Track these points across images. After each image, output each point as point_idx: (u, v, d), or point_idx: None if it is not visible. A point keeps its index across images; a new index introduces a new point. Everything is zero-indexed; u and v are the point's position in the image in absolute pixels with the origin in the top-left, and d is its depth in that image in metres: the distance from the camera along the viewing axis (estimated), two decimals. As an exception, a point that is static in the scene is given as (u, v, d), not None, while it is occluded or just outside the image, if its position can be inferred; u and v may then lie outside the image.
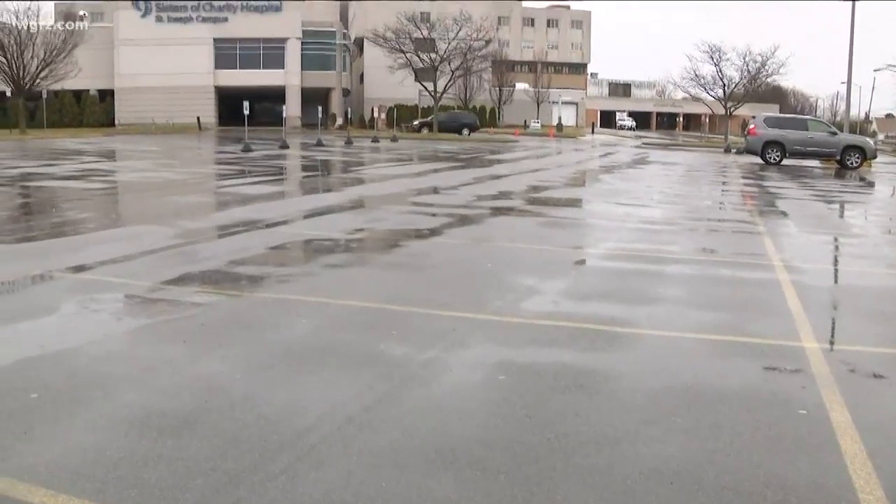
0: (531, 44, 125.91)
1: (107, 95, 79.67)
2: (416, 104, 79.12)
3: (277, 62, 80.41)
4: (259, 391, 5.57)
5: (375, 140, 53.12)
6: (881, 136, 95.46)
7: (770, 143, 38.93)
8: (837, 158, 38.44)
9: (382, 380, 5.82)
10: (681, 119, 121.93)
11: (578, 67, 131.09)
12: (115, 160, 34.26)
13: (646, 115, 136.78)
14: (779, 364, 6.50)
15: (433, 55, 71.86)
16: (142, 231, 13.17)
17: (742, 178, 29.87)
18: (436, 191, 21.06)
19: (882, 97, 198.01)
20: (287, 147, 40.78)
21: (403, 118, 73.16)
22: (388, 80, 78.42)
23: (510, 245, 12.44)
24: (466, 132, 65.84)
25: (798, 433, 5.10)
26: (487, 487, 4.23)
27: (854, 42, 48.24)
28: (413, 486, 4.23)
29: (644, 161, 40.21)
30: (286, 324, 7.35)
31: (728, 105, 69.26)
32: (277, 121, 54.38)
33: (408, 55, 71.99)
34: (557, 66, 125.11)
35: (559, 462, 4.57)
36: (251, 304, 8.12)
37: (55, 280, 9.27)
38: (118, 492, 4.10)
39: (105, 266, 10.02)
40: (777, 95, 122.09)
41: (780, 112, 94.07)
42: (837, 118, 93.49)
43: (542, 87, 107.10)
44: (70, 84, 68.72)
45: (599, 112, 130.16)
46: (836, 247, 14.35)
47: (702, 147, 62.64)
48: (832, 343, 7.42)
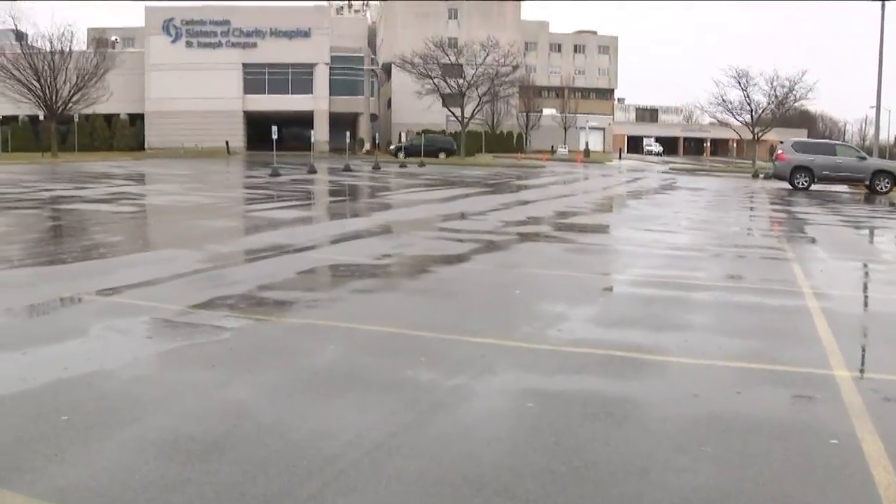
0: (558, 69, 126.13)
1: (137, 119, 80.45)
2: (444, 129, 79.31)
3: (306, 87, 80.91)
4: (288, 416, 5.58)
5: (403, 165, 53.30)
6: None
7: (798, 169, 38.78)
8: (867, 183, 38.26)
9: (410, 406, 5.82)
10: (708, 144, 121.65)
11: (605, 93, 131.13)
12: (145, 184, 34.52)
13: (673, 141, 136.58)
14: (809, 392, 6.45)
15: (460, 81, 72.09)
16: (171, 255, 13.25)
17: (770, 204, 29.74)
18: (463, 216, 21.07)
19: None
20: (315, 172, 40.96)
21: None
22: (416, 106, 78.70)
23: (538, 271, 12.43)
24: (443, 156, 66.01)
25: (829, 463, 5.06)
26: (516, 515, 4.22)
27: (883, 66, 48.04)
28: (441, 514, 4.23)
29: (671, 186, 40.12)
30: (315, 349, 7.37)
31: (756, 130, 69.09)
32: (305, 145, 54.67)
33: (435, 81, 72.22)
34: (584, 92, 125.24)
35: (588, 490, 4.56)
36: (280, 329, 8.15)
37: (85, 303, 9.34)
38: (148, 516, 4.12)
39: (134, 289, 10.08)
40: (805, 120, 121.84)
41: (809, 137, 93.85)
42: (866, 143, 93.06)
43: (570, 113, 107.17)
44: (101, 108, 69.64)
45: (626, 137, 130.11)
46: (866, 273, 14.23)
47: (729, 172, 62.46)
48: (863, 371, 7.35)
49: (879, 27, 48.13)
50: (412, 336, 7.91)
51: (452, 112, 72.86)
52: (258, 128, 73.76)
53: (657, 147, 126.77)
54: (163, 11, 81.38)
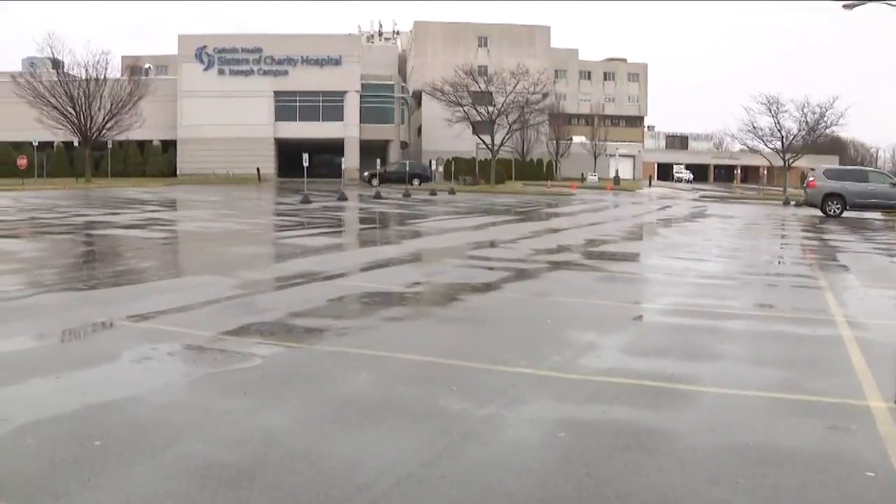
0: (588, 97, 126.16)
1: (169, 146, 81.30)
2: (474, 157, 79.46)
3: (336, 115, 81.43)
4: (319, 444, 5.59)
5: (433, 193, 53.35)
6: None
7: (830, 196, 38.58)
8: (900, 210, 37.99)
9: (442, 435, 5.82)
10: (738, 171, 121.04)
11: (635, 120, 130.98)
12: (177, 210, 34.77)
13: (703, 168, 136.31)
14: (843, 423, 6.40)
15: (491, 108, 72.21)
16: (202, 281, 13.35)
17: (802, 231, 29.56)
18: (493, 244, 21.06)
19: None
20: (345, 199, 41.13)
21: (461, 171, 73.39)
22: (446, 133, 78.91)
23: (569, 300, 12.39)
24: (417, 182, 65.76)
25: (866, 496, 5.01)
26: (548, 546, 4.20)
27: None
28: (473, 544, 4.22)
29: (702, 214, 39.96)
30: (346, 377, 7.38)
31: (786, 157, 68.68)
32: (336, 172, 54.94)
33: (465, 108, 72.38)
34: (614, 119, 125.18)
35: (620, 521, 4.54)
36: (311, 357, 8.18)
37: (117, 328, 9.41)
38: (181, 545, 4.13)
39: (166, 315, 10.16)
40: (836, 147, 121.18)
41: (840, 163, 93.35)
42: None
43: (599, 140, 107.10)
44: (134, 134, 70.51)
45: (656, 165, 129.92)
46: (901, 302, 14.10)
47: (760, 199, 62.01)
48: (898, 402, 7.29)
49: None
50: (443, 365, 7.91)
51: (483, 140, 72.98)
52: (289, 155, 74.29)
53: (687, 174, 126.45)
54: (196, 39, 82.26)
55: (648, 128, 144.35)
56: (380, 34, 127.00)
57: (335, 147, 77.20)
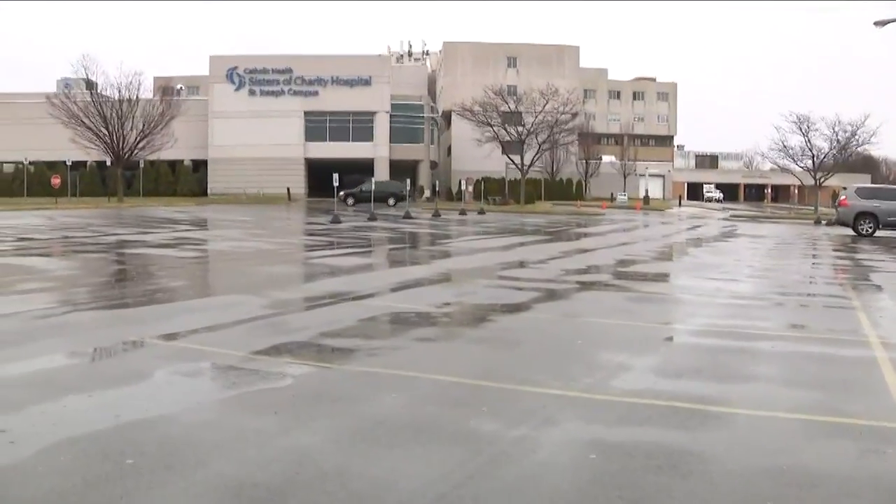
0: (617, 116, 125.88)
1: (200, 166, 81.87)
2: (504, 177, 79.50)
3: (366, 135, 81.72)
4: (350, 465, 5.60)
5: (463, 212, 53.44)
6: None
7: (862, 215, 38.28)
8: (933, 230, 37.64)
9: (473, 456, 5.81)
10: (769, 190, 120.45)
11: (665, 139, 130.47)
12: (207, 229, 35.00)
13: (733, 187, 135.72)
14: (878, 446, 6.34)
15: (520, 128, 72.28)
16: (233, 300, 13.41)
17: (833, 251, 29.36)
18: (523, 264, 21.04)
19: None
20: (375, 219, 41.27)
21: (491, 191, 73.42)
22: (476, 153, 79.06)
23: (599, 320, 12.35)
24: (392, 201, 65.52)
25: (900, 520, 4.97)
26: (580, 569, 4.19)
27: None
28: (505, 567, 4.21)
29: (732, 234, 39.76)
30: (376, 397, 7.39)
31: (817, 176, 68.31)
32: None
33: (495, 128, 72.47)
34: (644, 139, 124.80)
35: (653, 545, 4.51)
36: (342, 377, 8.19)
37: (149, 347, 9.48)
38: (214, 565, 4.15)
39: (197, 334, 10.23)
40: (868, 165, 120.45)
41: (872, 182, 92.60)
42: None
43: (629, 160, 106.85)
44: (166, 154, 71.18)
45: (686, 184, 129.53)
46: (936, 323, 13.96)
47: (791, 219, 61.71)
48: (935, 425, 7.21)
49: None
50: (474, 386, 7.91)
51: (512, 159, 73.04)
52: (319, 174, 74.57)
53: (717, 194, 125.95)
54: (227, 60, 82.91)
55: (678, 147, 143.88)
56: (409, 55, 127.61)
57: (365, 167, 77.44)
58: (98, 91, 69.44)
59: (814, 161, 68.85)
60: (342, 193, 67.44)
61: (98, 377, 8.02)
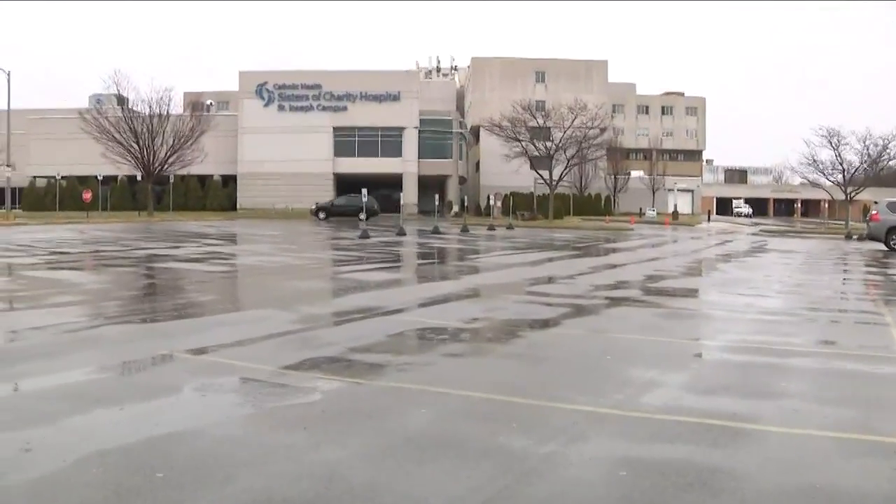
0: (646, 131, 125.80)
1: (229, 180, 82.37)
2: (532, 192, 79.52)
3: (395, 150, 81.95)
4: (380, 480, 5.60)
5: (491, 228, 53.43)
6: None
7: (894, 230, 37.93)
8: (968, 244, 37.25)
9: (503, 472, 5.80)
10: (799, 205, 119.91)
11: (693, 154, 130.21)
12: (236, 243, 35.14)
13: (762, 202, 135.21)
14: (913, 465, 6.27)
15: (548, 143, 72.22)
16: (262, 315, 13.48)
17: (865, 266, 29.12)
18: (552, 280, 21.00)
19: None
20: (404, 234, 41.34)
21: (519, 206, 73.40)
22: (504, 169, 79.07)
23: (628, 336, 12.30)
24: (364, 216, 65.48)
25: (935, 540, 4.91)
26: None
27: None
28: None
29: (762, 249, 39.51)
30: (406, 413, 7.39)
31: (848, 190, 67.81)
32: (394, 207, 55.33)
33: (523, 143, 72.47)
34: (672, 154, 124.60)
35: (684, 563, 4.48)
36: (371, 392, 8.20)
37: (179, 361, 9.53)
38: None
39: (226, 349, 10.27)
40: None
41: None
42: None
43: (658, 175, 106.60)
44: (195, 169, 71.75)
45: (715, 199, 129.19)
46: (970, 341, 13.81)
47: (821, 234, 61.22)
48: (970, 444, 7.12)
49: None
50: (503, 402, 7.89)
51: (541, 175, 72.98)
52: (348, 190, 74.82)
53: (747, 209, 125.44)
54: (256, 76, 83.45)
55: (707, 162, 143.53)
56: (438, 70, 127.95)
57: (394, 182, 77.73)
58: (129, 107, 70.22)
59: (844, 175, 68.34)
60: (314, 207, 68.00)
61: (128, 390, 8.07)
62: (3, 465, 5.69)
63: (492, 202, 67.31)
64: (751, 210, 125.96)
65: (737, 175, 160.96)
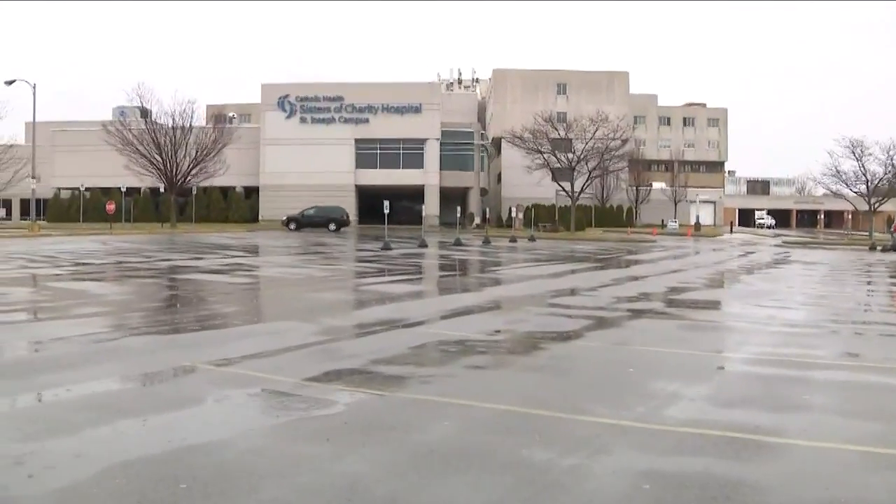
0: (668, 142, 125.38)
1: (252, 192, 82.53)
2: (554, 204, 79.35)
3: (417, 162, 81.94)
4: (402, 492, 5.60)
5: (513, 240, 53.38)
6: None
7: (918, 241, 37.73)
8: None
9: (526, 485, 5.79)
10: (822, 216, 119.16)
11: (715, 165, 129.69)
12: (259, 255, 35.22)
13: (785, 213, 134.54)
14: (939, 479, 6.22)
15: (570, 155, 72.12)
16: (284, 327, 13.52)
17: (889, 278, 28.97)
18: (574, 292, 20.97)
19: None
20: (426, 246, 41.35)
21: (541, 218, 73.31)
22: (526, 180, 79.02)
23: (651, 349, 12.27)
24: (333, 227, 65.77)
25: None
26: None
27: None
28: None
29: (785, 260, 39.32)
30: (429, 425, 7.40)
31: (872, 201, 67.39)
32: (416, 219, 55.33)
33: (545, 155, 72.39)
34: (694, 165, 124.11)
35: (709, 577, 4.46)
36: (394, 404, 8.21)
37: (201, 372, 9.57)
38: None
39: (249, 360, 10.31)
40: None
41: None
42: None
43: (679, 186, 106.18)
44: (218, 181, 71.98)
45: (737, 210, 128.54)
46: None
47: (845, 245, 60.85)
48: None
49: None
50: (526, 414, 7.88)
51: (562, 186, 72.87)
52: (369, 201, 74.94)
53: (770, 220, 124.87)
54: (278, 88, 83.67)
55: (729, 173, 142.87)
56: (459, 82, 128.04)
57: (415, 194, 77.74)
58: (152, 119, 70.58)
59: (868, 186, 67.95)
60: (284, 218, 68.31)
61: (152, 401, 8.11)
62: (28, 475, 5.74)
63: (513, 214, 67.14)
64: (773, 221, 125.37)
65: (759, 186, 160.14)
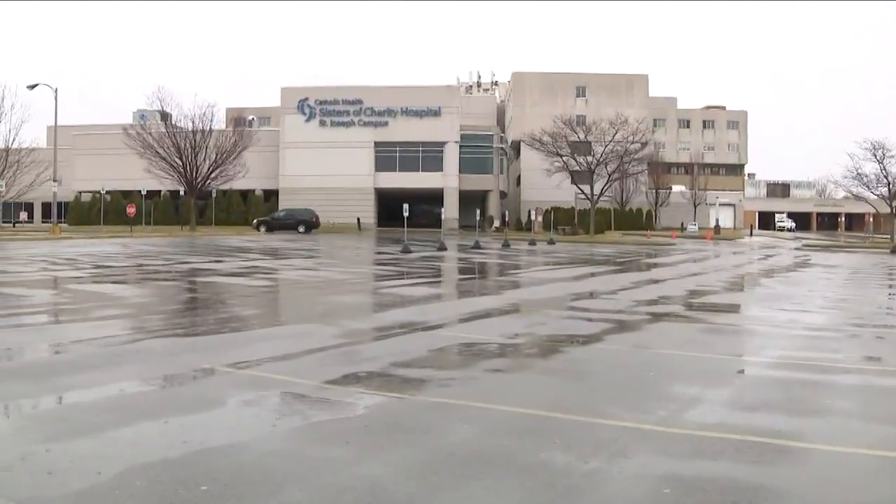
0: (687, 145, 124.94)
1: (271, 195, 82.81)
2: (573, 207, 79.27)
3: (436, 165, 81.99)
4: (422, 495, 5.61)
5: (532, 243, 53.34)
6: None
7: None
8: None
9: (545, 489, 5.78)
10: (842, 219, 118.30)
11: (735, 168, 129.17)
12: (278, 258, 35.28)
13: (805, 216, 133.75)
14: (962, 485, 6.18)
15: (589, 158, 72.04)
16: (304, 330, 13.54)
17: (911, 283, 28.79)
18: (593, 295, 20.95)
19: None
20: (445, 249, 41.35)
21: (560, 221, 73.23)
22: (545, 183, 79.05)
23: (671, 352, 12.22)
24: (303, 229, 65.90)
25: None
26: None
27: None
28: None
29: (805, 264, 39.12)
30: (448, 428, 7.39)
31: (893, 204, 66.92)
32: (435, 222, 55.37)
33: (564, 158, 72.34)
34: (714, 168, 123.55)
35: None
36: (414, 407, 8.21)
37: (221, 375, 9.60)
38: None
39: (269, 363, 10.34)
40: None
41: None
42: None
43: (699, 189, 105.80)
44: (238, 184, 72.27)
45: (757, 213, 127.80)
46: None
47: (866, 248, 60.48)
48: None
49: None
50: (545, 417, 7.86)
51: (582, 189, 72.79)
52: (388, 204, 75.08)
53: (789, 223, 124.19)
54: (298, 92, 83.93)
55: (749, 176, 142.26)
56: (478, 85, 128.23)
57: (434, 197, 77.77)
58: (172, 122, 70.84)
59: (889, 188, 67.39)
60: (255, 221, 68.77)
61: (171, 404, 8.14)
62: (48, 477, 5.77)
63: (532, 217, 67.17)
64: (794, 224, 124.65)
65: (779, 189, 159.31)
